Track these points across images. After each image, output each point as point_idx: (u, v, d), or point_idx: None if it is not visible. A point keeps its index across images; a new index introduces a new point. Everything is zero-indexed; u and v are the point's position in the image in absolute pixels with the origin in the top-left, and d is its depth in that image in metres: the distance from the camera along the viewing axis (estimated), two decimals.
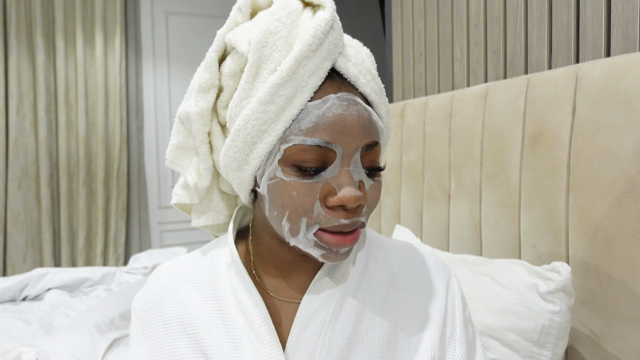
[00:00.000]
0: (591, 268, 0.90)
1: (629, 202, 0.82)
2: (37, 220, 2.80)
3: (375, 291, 0.55)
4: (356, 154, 0.45)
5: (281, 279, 0.54)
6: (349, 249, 0.47)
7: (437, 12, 1.55)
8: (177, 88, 3.19)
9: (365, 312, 0.52)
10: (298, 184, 0.44)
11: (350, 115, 0.44)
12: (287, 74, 0.43)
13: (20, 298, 1.87)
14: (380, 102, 0.50)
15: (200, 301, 0.53)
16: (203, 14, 3.25)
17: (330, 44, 0.45)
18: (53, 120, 2.81)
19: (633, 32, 0.91)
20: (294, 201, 0.45)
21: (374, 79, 0.49)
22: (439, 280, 0.58)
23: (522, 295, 0.88)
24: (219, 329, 0.50)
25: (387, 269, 0.57)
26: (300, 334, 0.50)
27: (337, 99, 0.44)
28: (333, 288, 0.52)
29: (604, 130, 0.86)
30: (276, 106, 0.44)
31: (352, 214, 0.45)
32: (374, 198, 0.48)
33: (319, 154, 0.44)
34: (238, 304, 0.51)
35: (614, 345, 0.86)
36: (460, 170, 1.26)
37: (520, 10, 1.20)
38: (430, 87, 1.61)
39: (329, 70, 0.46)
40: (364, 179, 0.47)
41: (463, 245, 1.25)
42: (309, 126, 0.44)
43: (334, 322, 0.50)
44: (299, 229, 0.46)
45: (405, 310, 0.54)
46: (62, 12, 2.77)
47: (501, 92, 1.12)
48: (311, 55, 0.44)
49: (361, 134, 0.45)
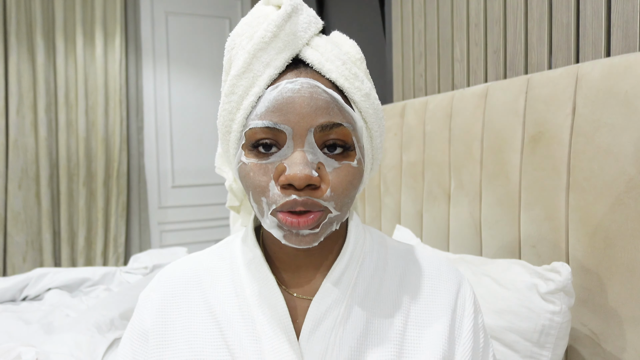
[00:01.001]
0: (591, 268, 0.90)
1: (629, 202, 0.82)
2: (37, 220, 2.80)
3: (385, 293, 0.55)
4: (309, 134, 0.46)
5: (292, 274, 0.55)
6: (312, 234, 0.47)
7: (437, 12, 1.55)
8: (177, 88, 3.19)
9: (376, 313, 0.53)
10: (254, 164, 0.47)
11: (300, 97, 0.46)
12: (243, 67, 0.47)
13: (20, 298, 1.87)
14: (352, 87, 0.49)
15: (221, 295, 0.54)
16: (203, 14, 3.25)
17: (288, 35, 0.48)
18: (53, 120, 2.82)
19: (633, 32, 0.91)
20: (253, 182, 0.47)
21: (345, 65, 0.49)
22: (450, 285, 0.57)
23: (522, 296, 0.88)
24: (240, 324, 0.52)
25: (397, 271, 0.57)
26: (312, 334, 0.51)
27: (288, 83, 0.47)
28: (344, 288, 0.53)
29: (604, 130, 0.86)
30: (236, 96, 0.48)
31: (306, 194, 0.45)
32: (339, 182, 0.47)
33: (270, 134, 0.46)
34: (260, 301, 0.52)
35: (614, 345, 0.86)
36: (460, 170, 1.26)
37: (520, 10, 1.20)
38: (430, 87, 1.61)
39: (289, 60, 0.48)
40: (323, 161, 0.47)
41: (463, 245, 1.25)
42: (262, 110, 0.47)
43: (344, 323, 0.51)
44: (263, 210, 0.48)
45: (415, 313, 0.54)
46: (62, 12, 2.77)
47: (501, 92, 1.12)
48: (265, 47, 0.47)
49: (312, 114, 0.46)
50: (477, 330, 0.56)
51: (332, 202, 0.47)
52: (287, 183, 0.45)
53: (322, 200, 0.46)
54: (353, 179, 0.49)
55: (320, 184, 0.46)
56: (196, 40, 3.22)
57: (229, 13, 3.34)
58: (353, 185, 0.49)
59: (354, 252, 0.56)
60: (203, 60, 3.25)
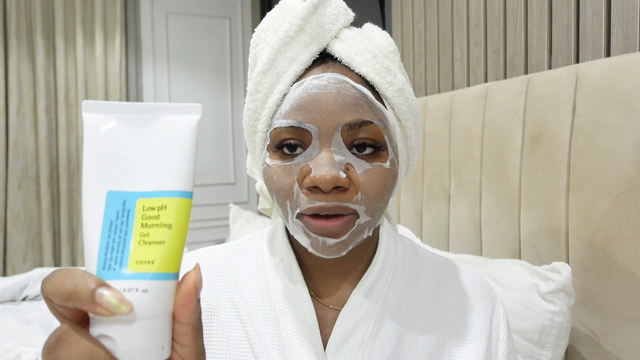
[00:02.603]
0: (591, 268, 0.90)
1: (629, 202, 0.82)
2: (37, 220, 2.80)
3: (418, 309, 0.52)
4: (336, 133, 0.42)
5: (318, 280, 0.52)
6: (339, 243, 0.44)
7: (437, 12, 1.55)
8: (177, 88, 3.19)
9: (407, 331, 0.50)
10: (278, 166, 0.44)
11: (326, 94, 0.42)
12: (267, 63, 0.45)
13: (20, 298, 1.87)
14: (384, 81, 0.45)
15: (245, 295, 0.51)
16: (203, 14, 3.25)
17: (315, 28, 0.44)
18: (53, 120, 2.81)
19: (633, 32, 0.91)
20: (276, 184, 0.44)
21: (376, 58, 0.45)
22: (484, 305, 0.54)
23: (522, 296, 0.88)
24: (264, 328, 0.49)
25: (430, 286, 0.54)
26: (339, 348, 0.47)
27: (314, 79, 0.43)
28: (375, 301, 0.50)
29: (604, 130, 0.86)
30: (261, 94, 0.45)
31: (333, 198, 0.42)
32: (370, 185, 0.43)
33: (295, 134, 0.43)
34: (287, 308, 0.49)
35: (614, 345, 0.86)
36: (460, 170, 1.26)
37: (520, 10, 1.20)
38: (430, 87, 1.61)
39: (316, 54, 0.45)
40: (352, 162, 0.43)
41: (463, 245, 1.25)
42: (287, 109, 0.44)
43: (373, 339, 0.48)
44: (287, 213, 0.45)
45: (449, 332, 0.51)
46: (62, 12, 2.77)
47: (501, 92, 1.12)
48: (290, 42, 0.44)
49: (340, 111, 0.42)
50: (510, 352, 0.54)
51: (363, 205, 0.43)
52: (312, 185, 0.42)
53: (352, 204, 0.43)
54: (386, 181, 0.45)
55: (348, 186, 0.42)
56: (196, 40, 3.22)
57: (229, 13, 3.34)
58: (386, 188, 0.45)
59: (385, 263, 0.52)
60: (203, 60, 3.25)
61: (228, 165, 3.25)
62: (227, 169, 3.25)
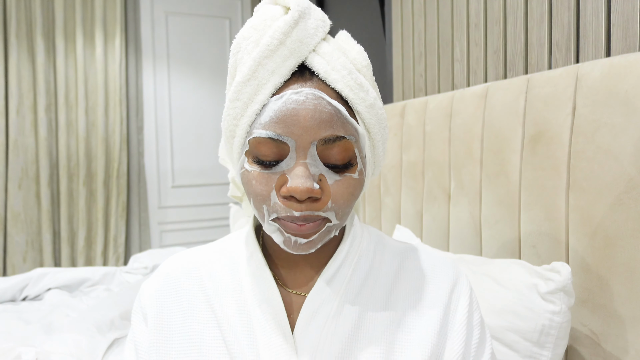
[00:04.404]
0: (591, 268, 0.90)
1: (629, 202, 0.82)
2: (37, 220, 2.80)
3: (379, 289, 0.56)
4: (312, 147, 0.46)
5: (289, 271, 0.57)
6: (311, 242, 0.48)
7: (437, 12, 1.55)
8: (177, 88, 3.19)
9: (368, 308, 0.54)
10: (257, 173, 0.48)
11: (304, 110, 0.45)
12: (248, 74, 0.47)
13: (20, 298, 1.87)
14: (357, 97, 0.49)
15: (219, 289, 0.56)
16: (203, 14, 3.25)
17: (295, 42, 0.47)
18: (53, 120, 2.82)
19: (633, 32, 0.91)
20: (255, 189, 0.48)
21: (350, 74, 0.49)
22: (444, 281, 0.58)
23: (522, 296, 0.88)
24: (236, 318, 0.53)
25: (391, 269, 0.58)
26: (306, 326, 0.52)
27: (293, 94, 0.46)
28: (337, 285, 0.54)
29: (604, 130, 0.86)
30: (241, 102, 0.48)
31: (307, 207, 0.46)
32: (340, 194, 0.47)
33: (274, 146, 0.46)
34: (257, 296, 0.54)
35: (614, 345, 0.86)
36: (460, 170, 1.26)
37: (520, 10, 1.20)
38: (430, 87, 1.61)
39: (295, 67, 0.48)
40: (324, 173, 0.47)
41: (463, 245, 1.25)
42: (266, 120, 0.46)
43: (337, 316, 0.52)
44: (263, 215, 0.48)
45: (407, 306, 0.55)
46: (62, 12, 2.77)
47: (501, 92, 1.12)
48: (271, 55, 0.47)
49: (316, 127, 0.45)
50: (471, 325, 0.56)
51: (333, 212, 0.48)
52: (288, 194, 0.45)
53: (322, 212, 0.47)
54: (354, 190, 0.49)
55: (321, 196, 0.46)
56: (196, 40, 3.22)
57: (229, 13, 3.34)
58: (354, 196, 0.49)
59: (349, 252, 0.57)
60: (203, 60, 3.25)
61: None
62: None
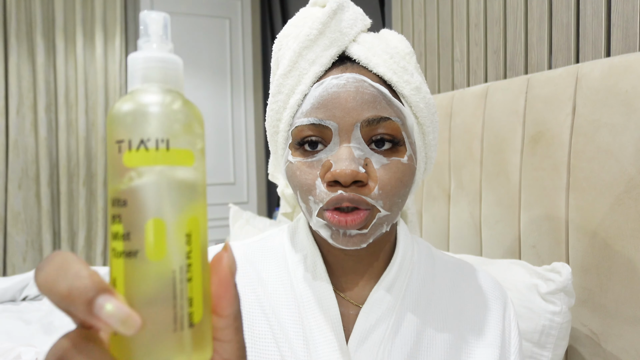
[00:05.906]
0: (591, 268, 0.90)
1: (629, 202, 0.82)
2: (37, 220, 2.80)
3: (435, 307, 0.53)
4: (355, 129, 0.44)
5: (339, 278, 0.53)
6: (360, 234, 0.45)
7: (437, 12, 1.55)
8: None
9: (426, 328, 0.51)
10: (301, 163, 0.46)
11: (345, 92, 0.44)
12: (289, 65, 0.47)
13: (20, 298, 1.87)
14: (401, 80, 0.47)
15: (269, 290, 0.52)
16: (203, 14, 3.25)
17: (334, 32, 0.47)
18: (53, 120, 2.81)
19: (633, 32, 0.91)
20: (300, 180, 0.46)
21: (392, 58, 0.47)
22: (497, 303, 0.55)
23: (522, 296, 0.88)
24: (289, 323, 0.50)
25: (445, 285, 0.55)
26: (360, 346, 0.48)
27: (334, 79, 0.45)
28: (394, 299, 0.51)
29: (604, 130, 0.86)
30: (283, 95, 0.47)
31: (353, 191, 0.44)
32: (387, 179, 0.45)
33: (316, 132, 0.45)
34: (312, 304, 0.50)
35: (614, 345, 0.86)
36: (460, 170, 1.26)
37: (520, 10, 1.20)
38: (430, 87, 1.61)
39: (335, 56, 0.47)
40: (370, 157, 0.45)
41: (463, 245, 1.25)
42: (308, 108, 0.46)
43: (394, 336, 0.49)
44: (310, 209, 0.46)
45: (466, 329, 0.52)
46: (62, 12, 2.76)
47: (501, 92, 1.12)
48: (311, 45, 0.46)
49: (358, 108, 0.44)
50: (520, 350, 0.55)
51: (381, 200, 0.45)
52: (333, 180, 0.43)
53: (370, 198, 0.44)
54: (403, 176, 0.46)
55: (367, 181, 0.44)
56: (196, 40, 3.22)
57: (229, 13, 3.34)
58: (403, 182, 0.46)
59: (403, 261, 0.53)
60: (203, 60, 3.25)
61: (228, 165, 3.25)
62: (227, 169, 3.25)
